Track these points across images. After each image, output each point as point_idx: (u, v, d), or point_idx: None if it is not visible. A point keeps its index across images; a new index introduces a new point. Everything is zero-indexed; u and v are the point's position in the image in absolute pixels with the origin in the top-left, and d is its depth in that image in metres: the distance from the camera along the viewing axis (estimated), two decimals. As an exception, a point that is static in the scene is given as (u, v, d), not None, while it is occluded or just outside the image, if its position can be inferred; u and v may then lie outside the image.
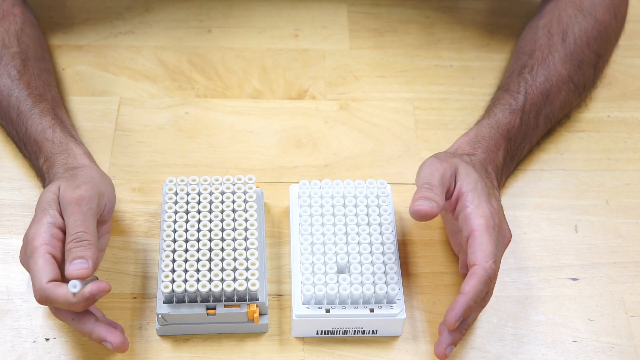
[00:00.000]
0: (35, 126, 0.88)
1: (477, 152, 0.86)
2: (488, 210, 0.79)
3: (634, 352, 0.83)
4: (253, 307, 0.80)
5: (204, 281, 0.80)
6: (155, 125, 0.99)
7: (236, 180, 0.87)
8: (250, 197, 0.86)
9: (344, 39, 1.08)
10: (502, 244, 0.81)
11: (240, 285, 0.80)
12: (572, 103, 0.98)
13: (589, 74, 0.97)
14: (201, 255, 0.82)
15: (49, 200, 0.79)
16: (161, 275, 0.80)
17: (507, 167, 0.90)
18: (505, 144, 0.89)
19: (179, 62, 1.05)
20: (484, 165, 0.85)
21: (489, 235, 0.78)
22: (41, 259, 0.75)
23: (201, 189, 0.87)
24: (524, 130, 0.91)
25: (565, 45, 0.95)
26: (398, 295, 0.81)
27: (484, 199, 0.80)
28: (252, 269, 0.81)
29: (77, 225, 0.77)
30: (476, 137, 0.88)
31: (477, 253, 0.77)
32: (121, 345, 0.77)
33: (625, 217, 0.93)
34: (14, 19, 0.97)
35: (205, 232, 0.83)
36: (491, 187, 0.83)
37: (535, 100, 0.92)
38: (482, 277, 0.77)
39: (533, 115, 0.92)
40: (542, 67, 0.94)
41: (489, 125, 0.89)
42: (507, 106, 0.91)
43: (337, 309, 0.81)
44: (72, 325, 0.78)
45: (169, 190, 0.87)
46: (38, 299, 0.76)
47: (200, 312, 0.80)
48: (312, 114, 1.01)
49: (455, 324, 0.77)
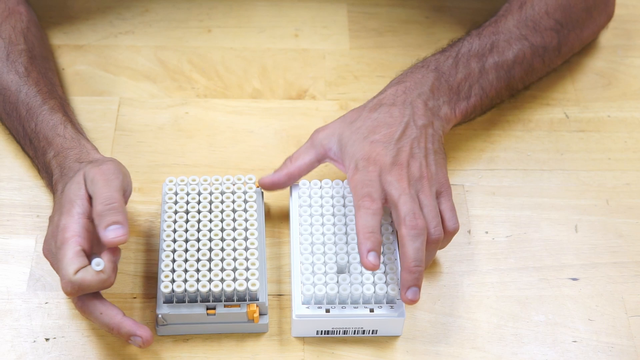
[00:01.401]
0: (45, 122, 0.88)
1: (388, 89, 0.89)
2: (354, 156, 0.83)
3: (634, 352, 0.83)
4: (253, 307, 0.80)
5: (204, 281, 0.80)
6: (155, 125, 0.99)
7: (236, 180, 0.87)
8: (250, 197, 0.86)
9: (344, 39, 1.08)
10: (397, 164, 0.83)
11: (240, 285, 0.80)
12: (532, 62, 0.97)
13: (548, 37, 0.97)
14: (201, 255, 0.82)
15: (75, 191, 0.79)
16: (161, 275, 0.80)
17: (448, 97, 0.90)
18: (434, 75, 0.90)
19: (179, 62, 1.05)
20: (391, 99, 0.87)
21: (356, 176, 0.81)
22: (71, 251, 0.76)
23: (201, 189, 0.87)
24: (464, 71, 0.92)
25: (521, 12, 0.97)
26: (398, 295, 0.81)
27: (352, 150, 0.84)
28: (252, 269, 0.81)
29: (106, 191, 0.78)
30: (398, 75, 0.91)
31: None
32: (151, 340, 0.77)
33: (625, 217, 0.93)
34: (20, 17, 0.97)
35: (205, 232, 0.83)
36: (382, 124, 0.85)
37: (475, 48, 0.93)
38: (359, 211, 0.79)
39: (474, 59, 0.93)
40: (490, 25, 0.96)
41: (415, 66, 0.92)
42: (440, 52, 0.94)
43: (337, 309, 0.81)
44: (99, 320, 0.77)
45: (169, 190, 0.87)
46: (69, 290, 0.75)
47: (200, 312, 0.80)
48: (312, 114, 1.01)
49: (369, 259, 0.77)
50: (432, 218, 0.81)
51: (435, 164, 0.85)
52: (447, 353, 0.82)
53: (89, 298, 0.77)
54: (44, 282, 0.85)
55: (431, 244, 0.81)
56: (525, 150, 0.98)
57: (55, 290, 0.85)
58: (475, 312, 0.85)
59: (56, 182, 0.83)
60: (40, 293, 0.85)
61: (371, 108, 0.87)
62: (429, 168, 0.84)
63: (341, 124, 0.87)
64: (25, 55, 0.93)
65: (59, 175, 0.83)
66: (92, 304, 0.77)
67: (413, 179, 0.82)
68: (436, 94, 0.89)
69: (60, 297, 0.84)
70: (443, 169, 0.85)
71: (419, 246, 0.79)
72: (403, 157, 0.83)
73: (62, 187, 0.81)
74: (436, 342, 0.83)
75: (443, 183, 0.84)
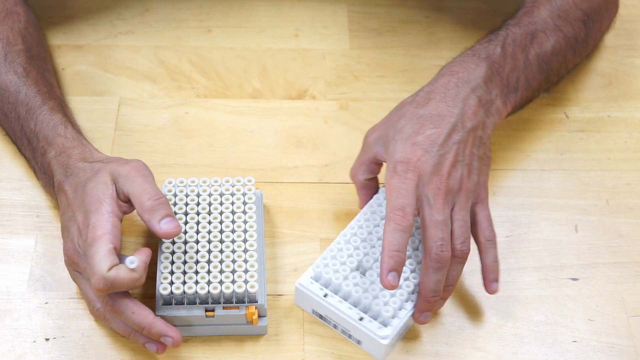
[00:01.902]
0: (45, 122, 0.88)
1: (439, 79, 0.86)
2: (393, 157, 0.80)
3: (634, 352, 0.83)
4: (252, 309, 0.80)
5: (203, 283, 0.80)
6: (155, 125, 0.99)
7: (235, 182, 0.87)
8: (250, 198, 0.86)
9: (344, 39, 1.08)
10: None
11: (239, 287, 0.80)
12: (566, 53, 0.96)
13: (578, 27, 0.96)
14: (200, 257, 0.82)
15: (103, 190, 0.79)
16: (160, 277, 0.80)
17: (500, 89, 0.88)
18: (486, 64, 0.87)
19: (179, 62, 1.05)
20: (441, 93, 0.84)
21: (393, 181, 0.79)
22: (104, 248, 0.76)
23: (200, 190, 0.87)
24: (512, 61, 0.89)
25: (551, 2, 0.95)
26: (393, 319, 0.80)
27: (393, 150, 0.81)
28: (251, 270, 0.81)
29: (149, 187, 0.79)
30: (447, 64, 0.88)
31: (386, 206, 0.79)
32: (180, 340, 0.78)
33: (625, 217, 0.93)
34: (18, 17, 0.97)
35: (204, 234, 0.83)
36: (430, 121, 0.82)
37: (518, 38, 0.91)
38: (389, 225, 0.77)
39: (519, 50, 0.90)
40: (526, 15, 0.94)
41: (464, 54, 0.89)
42: (485, 40, 0.91)
43: (334, 299, 0.80)
44: (131, 319, 0.77)
45: (168, 192, 0.87)
46: (101, 287, 0.75)
47: (198, 314, 0.80)
48: (312, 114, 1.01)
49: (388, 280, 0.76)
50: (461, 234, 0.80)
51: (477, 173, 0.82)
52: (447, 353, 0.82)
53: (120, 297, 0.78)
54: (44, 282, 0.85)
55: (456, 260, 0.80)
56: (525, 150, 0.98)
57: (55, 290, 0.85)
58: (475, 312, 0.85)
59: (60, 182, 0.83)
60: (40, 293, 0.85)
61: (418, 103, 0.84)
62: (469, 178, 0.81)
63: (387, 122, 0.84)
64: (24, 55, 0.93)
65: (62, 175, 0.83)
66: (123, 302, 0.78)
67: (451, 192, 0.80)
68: (489, 86, 0.86)
69: (60, 297, 0.84)
70: (484, 177, 0.83)
71: (440, 278, 0.79)
72: (445, 166, 0.80)
73: (74, 186, 0.81)
74: (436, 342, 0.83)
75: (481, 192, 0.83)
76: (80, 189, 0.81)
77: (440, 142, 0.81)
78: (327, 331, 0.83)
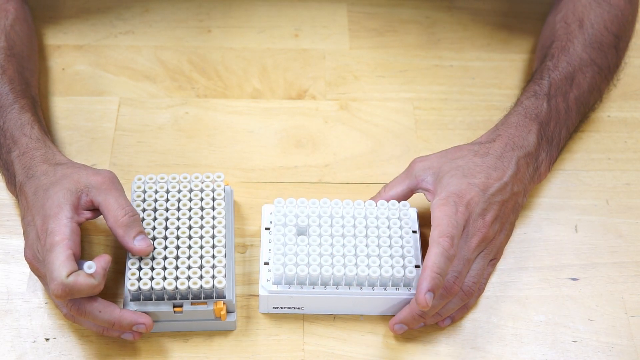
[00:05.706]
0: (13, 121, 0.88)
1: (497, 139, 0.88)
2: (447, 188, 0.83)
3: (634, 352, 0.83)
4: (220, 304, 0.80)
5: (170, 279, 0.80)
6: (155, 125, 0.99)
7: (205, 178, 0.87)
8: (219, 194, 0.86)
9: (344, 39, 1.08)
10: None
11: (206, 282, 0.80)
12: (600, 86, 0.98)
13: (611, 55, 0.98)
14: (168, 252, 0.82)
15: (65, 196, 0.80)
16: (128, 273, 0.80)
17: (546, 151, 0.91)
18: (537, 127, 0.90)
19: (179, 62, 1.05)
20: (498, 151, 0.87)
21: (445, 208, 0.81)
22: (63, 254, 0.76)
23: (169, 186, 0.87)
24: (555, 115, 0.92)
25: (583, 32, 0.96)
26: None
27: (447, 183, 0.84)
28: (219, 266, 0.81)
29: (124, 202, 0.81)
30: (502, 124, 0.90)
31: (433, 229, 0.80)
32: (152, 324, 0.79)
33: (625, 217, 0.93)
34: (6, 14, 0.97)
35: (172, 230, 0.83)
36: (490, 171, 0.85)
37: (560, 85, 0.93)
38: (436, 248, 0.79)
39: (561, 99, 0.92)
40: (563, 53, 0.95)
41: (516, 113, 0.91)
42: (532, 93, 0.92)
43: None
44: (99, 318, 0.78)
45: (137, 189, 0.86)
46: (60, 293, 0.75)
47: (167, 310, 0.80)
48: (312, 114, 1.01)
49: (425, 298, 0.77)
50: (475, 275, 0.83)
51: (505, 235, 0.87)
52: (447, 353, 0.82)
53: (85, 300, 0.78)
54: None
55: (459, 295, 0.83)
56: (525, 150, 0.98)
57: (55, 290, 0.85)
58: (475, 312, 0.85)
59: (22, 184, 0.83)
60: (40, 293, 0.85)
61: (477, 152, 0.87)
62: (499, 236, 0.86)
63: (442, 158, 0.87)
64: (3, 52, 0.93)
65: (24, 177, 0.83)
66: (88, 304, 0.78)
67: (486, 240, 0.84)
68: (538, 151, 0.90)
69: (60, 297, 0.84)
70: (506, 241, 0.88)
71: (436, 304, 0.81)
72: (490, 214, 0.84)
73: (34, 189, 0.82)
74: (436, 342, 0.83)
75: (498, 253, 0.87)
76: (40, 192, 0.81)
77: (492, 191, 0.85)
78: (327, 331, 0.83)
